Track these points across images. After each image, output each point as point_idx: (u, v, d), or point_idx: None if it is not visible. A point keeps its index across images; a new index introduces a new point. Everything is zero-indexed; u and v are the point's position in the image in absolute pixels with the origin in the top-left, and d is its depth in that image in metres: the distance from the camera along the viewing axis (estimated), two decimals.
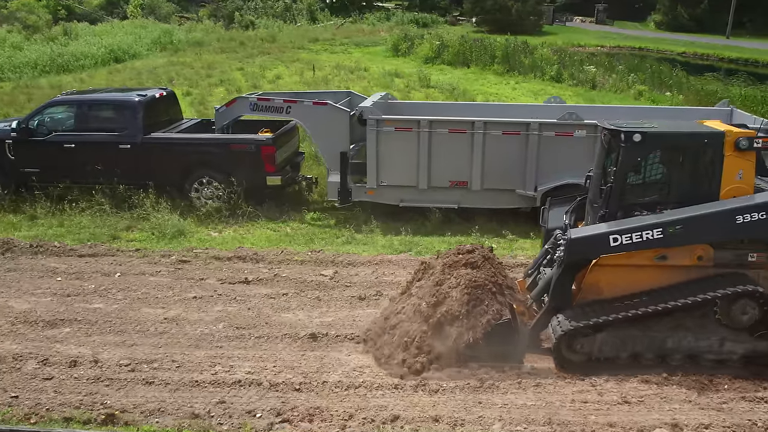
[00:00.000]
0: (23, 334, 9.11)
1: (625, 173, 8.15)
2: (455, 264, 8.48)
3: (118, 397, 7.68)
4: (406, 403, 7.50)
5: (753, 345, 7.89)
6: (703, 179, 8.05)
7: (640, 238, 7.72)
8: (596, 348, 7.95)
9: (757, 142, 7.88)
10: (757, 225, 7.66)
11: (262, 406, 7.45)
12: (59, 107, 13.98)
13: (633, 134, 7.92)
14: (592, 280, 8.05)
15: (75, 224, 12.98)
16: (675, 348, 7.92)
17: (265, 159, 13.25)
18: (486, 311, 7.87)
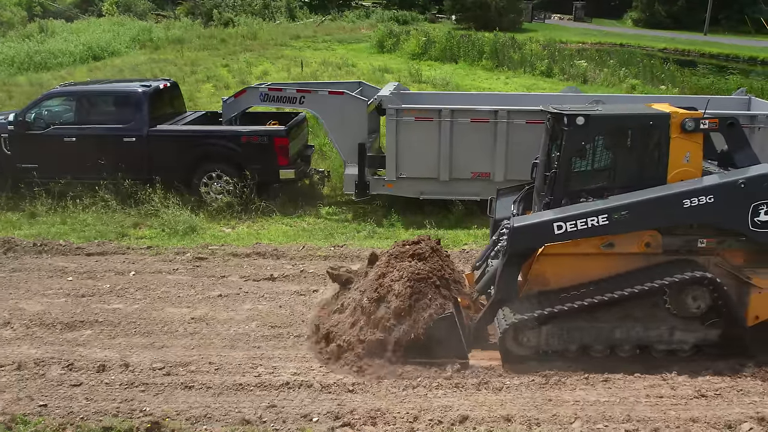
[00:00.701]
0: (41, 338, 8.46)
1: (570, 158, 7.78)
2: (401, 255, 8.06)
3: (156, 403, 7.06)
4: (471, 402, 7.01)
5: (704, 333, 7.63)
6: (649, 163, 7.74)
7: (585, 225, 7.37)
8: (543, 341, 7.62)
9: (704, 123, 7.61)
10: (705, 209, 7.38)
11: (316, 410, 6.90)
12: (58, 99, 13.22)
13: (576, 117, 7.59)
14: (538, 270, 7.70)
15: (79, 222, 12.29)
16: (624, 339, 7.63)
17: (279, 151, 12.68)
18: (429, 305, 7.50)
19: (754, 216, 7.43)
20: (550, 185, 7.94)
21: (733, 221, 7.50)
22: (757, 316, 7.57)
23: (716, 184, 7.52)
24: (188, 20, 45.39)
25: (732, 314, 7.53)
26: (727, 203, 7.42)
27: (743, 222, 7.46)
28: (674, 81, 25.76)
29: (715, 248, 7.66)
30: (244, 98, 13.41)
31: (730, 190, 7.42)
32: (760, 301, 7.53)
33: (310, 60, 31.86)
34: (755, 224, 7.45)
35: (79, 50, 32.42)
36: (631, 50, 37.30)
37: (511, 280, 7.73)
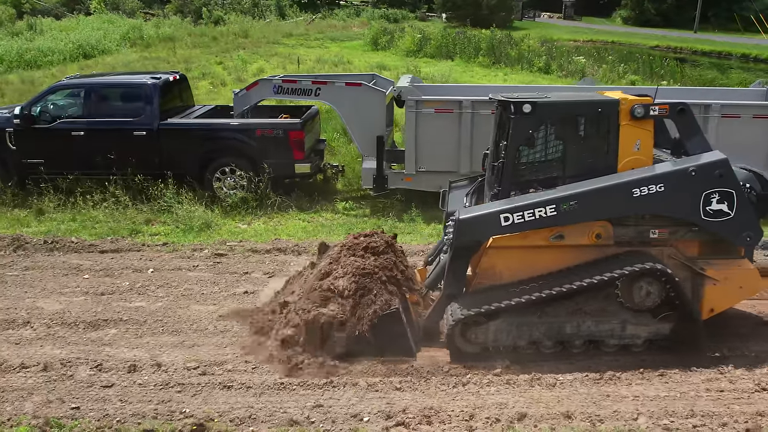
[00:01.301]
0: (63, 337, 8.07)
1: (517, 147, 7.49)
2: (354, 248, 7.88)
3: (196, 404, 6.71)
4: (526, 399, 6.72)
5: (656, 328, 7.37)
6: (599, 151, 7.45)
7: (532, 216, 7.10)
8: (491, 337, 7.33)
9: (654, 109, 7.32)
10: (655, 198, 7.13)
11: (366, 409, 6.58)
12: (64, 92, 12.78)
13: (523, 105, 7.30)
14: (487, 264, 7.40)
15: (89, 218, 11.90)
16: (575, 334, 7.35)
17: (294, 145, 12.33)
18: (374, 302, 7.28)
19: (705, 205, 7.19)
20: (497, 176, 7.67)
21: (684, 211, 7.26)
22: (712, 309, 7.38)
23: (666, 173, 7.22)
24: (177, 18, 44.89)
25: (685, 307, 7.27)
26: (678, 192, 7.16)
27: (695, 211, 7.22)
28: (675, 76, 25.62)
29: (668, 239, 7.40)
30: (256, 91, 13.03)
31: (681, 179, 7.16)
32: (715, 294, 7.33)
33: (305, 57, 31.50)
34: (707, 213, 7.21)
35: (69, 48, 31.87)
36: (628, 48, 37.14)
37: (459, 275, 7.46)
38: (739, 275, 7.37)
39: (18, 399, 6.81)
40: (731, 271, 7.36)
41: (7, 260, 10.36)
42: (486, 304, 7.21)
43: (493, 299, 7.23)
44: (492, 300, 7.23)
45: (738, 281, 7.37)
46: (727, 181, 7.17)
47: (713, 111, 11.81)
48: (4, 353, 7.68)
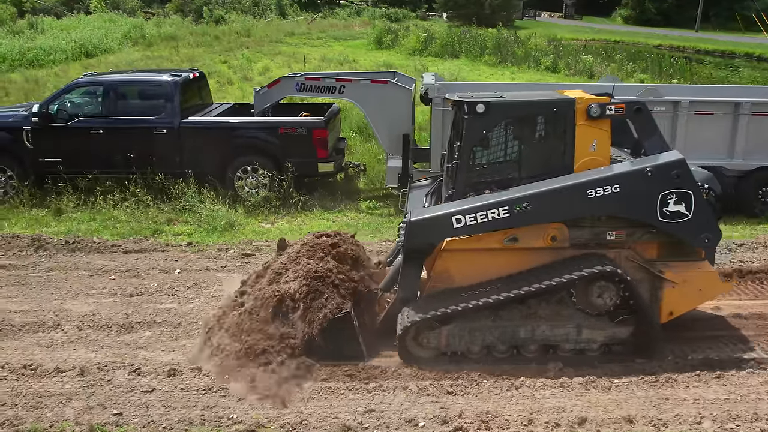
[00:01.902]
0: (96, 341, 7.85)
1: (471, 148, 7.31)
2: (315, 248, 7.74)
3: (242, 409, 6.49)
4: (584, 402, 6.52)
5: (613, 331, 7.16)
6: (555, 152, 7.29)
7: (485, 217, 6.92)
8: (443, 342, 7.15)
9: (610, 109, 7.15)
10: (611, 199, 6.92)
11: (420, 414, 6.37)
12: (83, 90, 12.53)
13: (476, 105, 7.15)
14: (441, 267, 7.22)
15: (109, 218, 11.66)
16: (529, 338, 7.15)
17: (317, 143, 12.11)
18: (324, 305, 7.13)
19: (662, 206, 7.00)
20: (452, 177, 7.50)
21: (641, 212, 7.07)
22: (671, 312, 7.21)
23: (622, 173, 7.04)
24: (178, 17, 44.57)
25: (642, 311, 7.08)
26: (634, 193, 6.97)
27: (651, 212, 7.02)
28: (684, 74, 25.50)
29: (625, 241, 7.21)
30: (278, 88, 12.81)
31: (637, 179, 6.98)
32: (673, 296, 7.16)
33: (309, 57, 31.30)
34: (664, 214, 7.02)
35: (71, 47, 31.58)
36: (635, 47, 37.01)
37: (412, 277, 7.28)
38: (698, 278, 7.21)
39: (57, 405, 6.58)
40: (690, 274, 7.19)
41: (29, 261, 10.12)
42: (439, 309, 7.03)
43: (446, 303, 7.05)
44: (445, 304, 7.05)
45: (697, 284, 7.21)
46: (684, 181, 6.99)
47: (743, 109, 11.65)
48: (37, 357, 7.45)
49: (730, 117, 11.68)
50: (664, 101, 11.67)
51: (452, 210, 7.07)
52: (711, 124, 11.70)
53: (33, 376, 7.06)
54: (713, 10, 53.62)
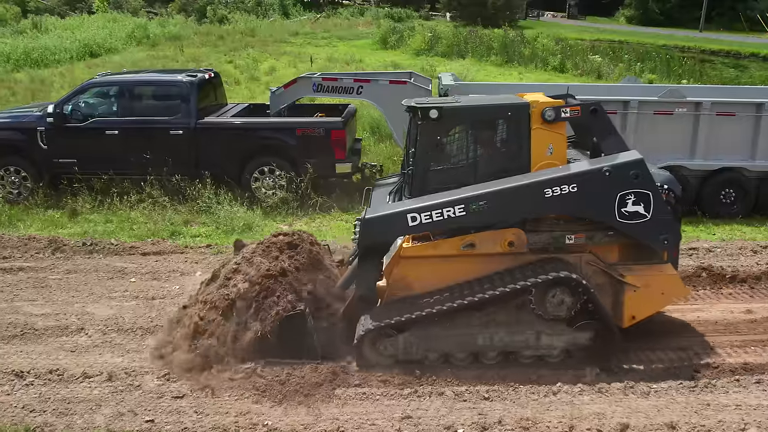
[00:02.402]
0: (122, 345, 7.73)
1: (426, 154, 7.22)
2: (270, 247, 7.67)
3: (277, 415, 6.38)
4: (624, 408, 6.42)
5: (573, 337, 7.01)
6: (511, 156, 7.20)
7: (440, 216, 6.82)
8: (401, 349, 7.01)
9: (565, 111, 7.09)
10: (568, 199, 6.82)
11: (458, 420, 6.26)
12: (97, 90, 12.39)
13: (429, 110, 7.04)
14: (398, 275, 7.13)
15: (125, 219, 11.52)
16: (487, 345, 7.02)
17: (335, 144, 11.98)
18: (277, 303, 7.03)
19: (621, 206, 6.90)
20: (408, 183, 7.41)
21: (599, 212, 6.98)
22: (633, 316, 7.13)
23: (580, 172, 6.96)
24: (181, 17, 44.47)
25: (602, 316, 6.96)
26: (592, 192, 6.87)
27: (609, 213, 6.92)
28: (693, 75, 25.40)
29: (585, 245, 7.11)
30: (294, 89, 12.70)
31: (595, 179, 6.88)
32: (635, 301, 7.07)
33: (315, 57, 31.18)
34: (622, 215, 6.92)
35: (75, 47, 31.46)
36: (644, 48, 36.89)
37: (369, 275, 7.22)
38: (660, 281, 7.13)
39: (87, 411, 6.47)
40: (652, 277, 7.11)
41: (47, 263, 9.99)
42: (395, 316, 6.94)
43: (403, 311, 6.96)
44: (402, 311, 6.96)
45: (659, 287, 7.13)
46: (642, 182, 6.89)
47: (765, 110, 11.53)
48: (62, 362, 7.33)
49: (752, 118, 11.57)
50: (686, 102, 11.55)
51: (408, 208, 6.98)
52: (733, 125, 11.58)
53: (60, 381, 6.95)
54: (717, 11, 53.55)
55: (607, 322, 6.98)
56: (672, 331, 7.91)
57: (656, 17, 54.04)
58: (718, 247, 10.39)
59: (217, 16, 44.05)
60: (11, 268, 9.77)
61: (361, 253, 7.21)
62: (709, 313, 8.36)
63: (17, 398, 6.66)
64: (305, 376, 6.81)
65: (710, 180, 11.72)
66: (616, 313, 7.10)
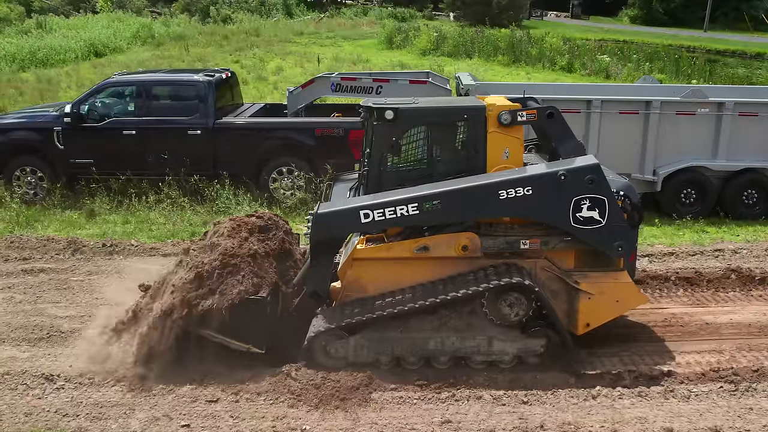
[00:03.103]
0: None
1: (381, 155, 7.17)
2: (240, 227, 7.50)
3: (314, 420, 6.29)
4: (665, 412, 6.33)
5: (525, 343, 6.95)
6: (466, 160, 7.16)
7: (393, 214, 6.74)
8: (351, 352, 6.95)
9: (521, 115, 7.04)
10: (522, 201, 6.74)
11: (498, 424, 6.17)
12: (114, 90, 12.30)
13: (385, 111, 7.00)
14: (352, 276, 7.08)
15: (144, 220, 11.43)
16: (438, 350, 6.93)
17: (354, 145, 11.85)
18: (240, 282, 6.87)
19: (575, 211, 6.81)
20: (363, 184, 7.35)
21: (553, 216, 6.89)
22: (588, 323, 7.04)
23: (535, 175, 6.87)
24: (185, 17, 44.37)
25: (554, 322, 6.91)
26: (547, 196, 6.79)
27: (563, 217, 6.83)
28: (703, 75, 25.32)
29: (540, 250, 7.02)
30: (312, 89, 12.63)
31: (550, 182, 6.78)
32: (590, 308, 6.99)
33: (321, 56, 31.10)
34: (577, 220, 6.83)
35: (80, 46, 31.38)
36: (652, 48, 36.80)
37: (321, 271, 7.10)
38: (614, 289, 7.05)
39: (121, 416, 6.38)
40: (606, 285, 7.03)
41: (68, 264, 9.91)
42: (345, 318, 6.89)
43: (354, 313, 6.90)
44: (352, 313, 6.90)
45: (614, 295, 7.05)
46: (598, 187, 6.80)
47: None
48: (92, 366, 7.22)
49: None
50: (708, 102, 11.48)
51: (361, 204, 6.92)
52: (755, 126, 11.50)
53: (91, 385, 6.86)
54: (721, 10, 53.46)
55: (558, 329, 6.92)
56: (706, 334, 7.84)
57: (660, 17, 53.92)
58: (743, 249, 10.30)
59: (220, 16, 43.90)
60: (32, 270, 9.68)
61: (312, 249, 7.11)
62: (741, 315, 8.28)
63: (49, 402, 6.57)
64: (340, 380, 6.71)
65: (732, 181, 11.63)
66: (570, 320, 7.05)
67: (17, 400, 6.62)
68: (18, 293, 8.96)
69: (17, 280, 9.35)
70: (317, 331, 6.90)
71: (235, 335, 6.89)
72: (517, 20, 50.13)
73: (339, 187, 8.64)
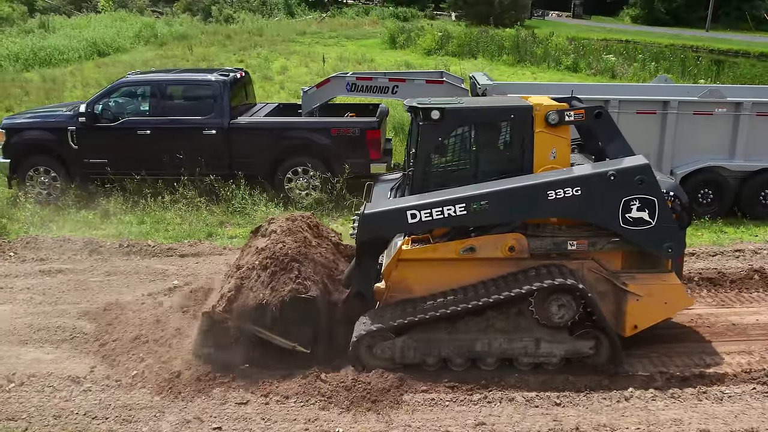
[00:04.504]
0: (178, 349, 7.52)
1: (427, 155, 7.12)
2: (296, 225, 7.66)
3: (346, 422, 6.24)
4: (700, 414, 6.29)
5: (573, 345, 6.85)
6: (513, 160, 7.08)
7: (440, 214, 6.67)
8: (398, 353, 6.90)
9: (569, 115, 6.95)
10: (571, 202, 6.63)
11: (533, 427, 6.13)
12: (128, 90, 12.24)
13: (431, 111, 6.94)
14: (398, 277, 7.01)
15: (159, 220, 11.37)
16: (486, 351, 6.86)
17: (370, 144, 11.84)
18: (293, 281, 6.95)
19: (625, 212, 6.71)
20: (408, 185, 7.30)
21: (602, 216, 6.78)
22: (635, 326, 6.94)
23: (584, 175, 6.78)
24: (187, 16, 44.30)
25: (602, 324, 6.78)
26: (596, 196, 6.68)
27: (613, 218, 6.72)
28: (710, 74, 25.30)
29: (588, 251, 6.92)
30: (327, 88, 12.56)
31: (599, 183, 6.69)
32: (637, 310, 6.89)
33: (326, 56, 31.03)
34: (626, 221, 6.73)
35: (83, 46, 31.29)
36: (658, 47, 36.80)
37: (366, 272, 7.10)
38: (663, 290, 6.95)
39: (151, 418, 6.32)
40: (655, 287, 6.93)
41: (86, 265, 9.85)
42: (392, 319, 6.83)
43: (401, 314, 6.84)
44: (399, 314, 6.85)
45: (662, 297, 6.95)
46: (648, 187, 6.70)
47: None
48: (117, 366, 7.16)
49: None
50: (726, 102, 11.43)
51: (408, 204, 6.83)
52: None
53: (119, 387, 6.80)
54: (722, 10, 53.50)
55: (607, 331, 6.80)
56: (733, 335, 7.79)
57: (662, 17, 53.92)
58: (764, 249, 10.26)
59: (222, 15, 43.84)
60: (50, 270, 9.62)
61: (358, 250, 7.09)
62: (767, 316, 8.23)
63: (77, 404, 6.51)
64: (371, 381, 6.66)
65: (750, 181, 11.59)
66: (618, 322, 6.95)
67: (45, 402, 6.56)
68: (37, 294, 8.90)
69: (35, 281, 9.29)
70: (363, 332, 6.84)
71: (283, 333, 6.91)
72: (519, 20, 50.14)
73: (380, 188, 8.57)
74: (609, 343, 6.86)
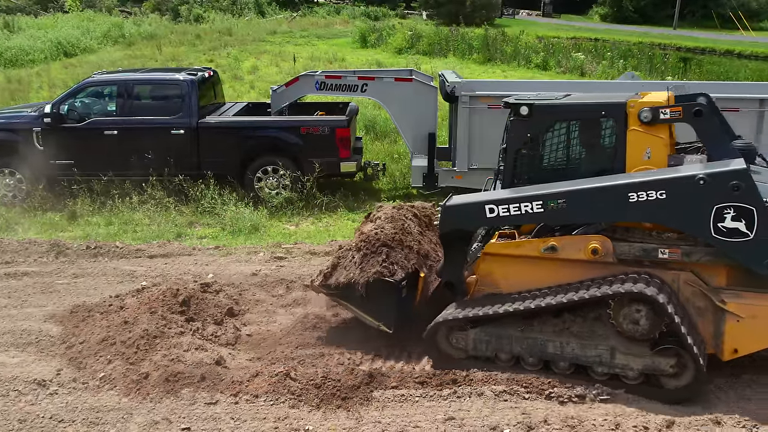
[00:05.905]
0: (146, 351, 7.42)
1: (516, 151, 7.02)
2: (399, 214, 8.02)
3: (316, 420, 6.22)
4: (664, 405, 6.37)
5: (652, 360, 6.39)
6: (604, 158, 6.83)
7: (518, 210, 6.57)
8: (471, 344, 6.93)
9: (664, 113, 6.53)
10: (654, 206, 6.21)
11: (502, 420, 6.15)
12: (94, 89, 12.10)
13: (520, 107, 6.87)
14: (484, 270, 7.03)
15: (127, 221, 11.25)
16: (558, 354, 6.67)
17: (340, 143, 11.84)
18: (378, 263, 7.20)
19: (717, 221, 6.13)
20: (499, 179, 7.32)
21: (690, 224, 6.27)
22: (735, 350, 6.36)
23: (670, 178, 6.27)
24: (156, 16, 43.87)
25: (684, 342, 6.19)
26: (683, 201, 6.16)
27: (703, 226, 6.17)
28: (678, 71, 25.67)
29: (682, 261, 6.42)
30: (296, 87, 12.53)
31: (687, 186, 6.15)
32: (738, 332, 6.30)
33: (297, 55, 30.93)
34: (719, 231, 6.13)
35: (48, 47, 30.84)
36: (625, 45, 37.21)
37: (453, 262, 7.11)
38: None
39: (119, 420, 6.25)
40: (761, 308, 6.25)
41: (52, 267, 9.71)
42: (470, 311, 6.86)
43: (480, 306, 6.86)
44: (476, 307, 6.87)
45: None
46: (745, 195, 6.04)
47: None
48: (84, 369, 7.08)
49: None
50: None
51: (487, 198, 6.82)
52: (739, 120, 11.55)
53: (86, 389, 6.71)
54: (689, 8, 54.26)
55: (690, 351, 6.21)
56: None
57: (630, 15, 54.56)
58: None
59: (192, 15, 43.49)
60: (15, 273, 9.47)
61: (442, 240, 7.18)
62: None
63: (43, 408, 6.41)
64: (341, 379, 6.66)
65: None
66: (717, 343, 6.41)
67: (9, 406, 6.44)
68: (2, 297, 8.75)
69: (0, 284, 9.14)
70: (441, 320, 6.89)
71: (369, 311, 7.25)
72: (489, 19, 50.39)
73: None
74: (693, 365, 6.31)
